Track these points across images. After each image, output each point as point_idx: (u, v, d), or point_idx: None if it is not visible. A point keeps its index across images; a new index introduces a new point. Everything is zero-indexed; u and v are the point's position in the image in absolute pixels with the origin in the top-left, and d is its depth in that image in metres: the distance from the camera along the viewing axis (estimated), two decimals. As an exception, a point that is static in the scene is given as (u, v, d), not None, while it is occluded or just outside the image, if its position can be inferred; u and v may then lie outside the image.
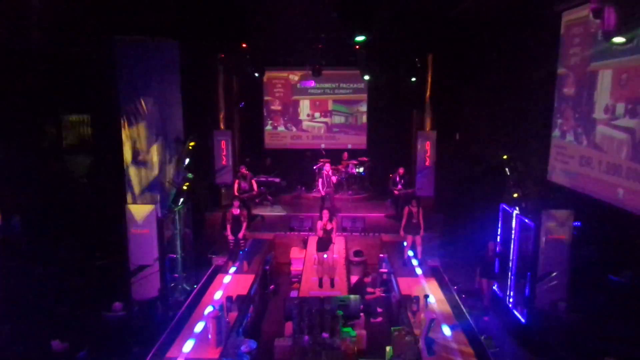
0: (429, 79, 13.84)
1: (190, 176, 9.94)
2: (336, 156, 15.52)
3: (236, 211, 9.97)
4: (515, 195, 9.56)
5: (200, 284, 9.44)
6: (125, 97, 9.60)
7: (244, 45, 13.74)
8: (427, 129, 14.03)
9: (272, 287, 10.65)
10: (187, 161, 10.33)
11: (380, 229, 12.40)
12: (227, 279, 9.49)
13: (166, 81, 10.03)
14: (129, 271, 9.26)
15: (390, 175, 13.05)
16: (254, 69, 14.76)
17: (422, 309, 7.91)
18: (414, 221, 10.02)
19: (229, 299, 8.12)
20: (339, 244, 10.96)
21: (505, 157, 9.94)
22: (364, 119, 17.06)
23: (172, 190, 10.09)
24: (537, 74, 10.19)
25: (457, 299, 8.81)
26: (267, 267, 10.65)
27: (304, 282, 9.56)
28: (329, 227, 9.30)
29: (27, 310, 8.43)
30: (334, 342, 7.31)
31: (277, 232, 12.29)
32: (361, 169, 15.49)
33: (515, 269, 9.27)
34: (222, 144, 14.39)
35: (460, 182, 13.17)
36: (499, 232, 10.03)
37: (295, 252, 11.37)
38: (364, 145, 16.95)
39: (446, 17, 10.77)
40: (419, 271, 9.84)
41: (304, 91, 16.99)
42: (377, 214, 13.57)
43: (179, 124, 10.57)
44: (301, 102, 17.16)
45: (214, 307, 7.48)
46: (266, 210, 13.51)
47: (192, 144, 10.40)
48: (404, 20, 11.20)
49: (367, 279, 9.57)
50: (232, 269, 9.91)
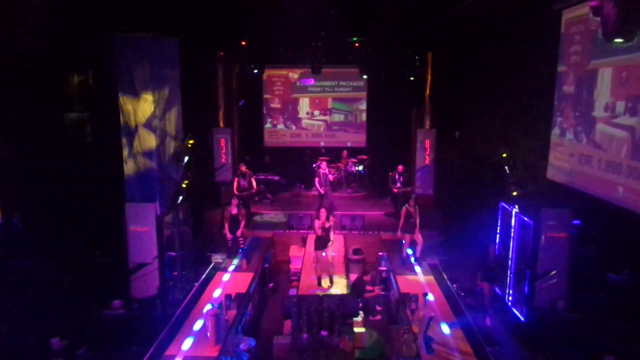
0: (429, 77, 13.83)
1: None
2: (336, 154, 15.53)
3: (234, 210, 9.96)
4: (514, 193, 9.57)
5: (199, 282, 9.43)
6: (124, 94, 9.57)
7: (243, 43, 13.74)
8: (427, 127, 14.03)
9: (271, 285, 10.66)
10: (186, 159, 10.33)
11: (379, 227, 12.40)
12: (226, 277, 9.49)
13: (165, 79, 10.01)
14: (128, 269, 9.26)
15: (389, 173, 13.05)
16: (254, 66, 14.76)
17: (421, 307, 7.92)
18: (412, 220, 10.01)
19: (227, 297, 8.11)
20: (338, 242, 10.95)
21: (504, 155, 9.93)
22: (364, 117, 17.05)
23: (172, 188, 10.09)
24: (537, 72, 10.18)
25: (456, 297, 8.82)
26: (266, 265, 10.66)
27: (303, 280, 9.56)
28: (327, 225, 9.29)
29: (26, 308, 8.43)
30: (332, 340, 7.32)
31: (276, 230, 12.32)
32: (360, 167, 15.49)
33: (514, 268, 9.27)
34: (222, 142, 14.38)
35: (459, 180, 13.16)
36: (498, 231, 10.03)
37: (294, 250, 11.38)
38: (363, 143, 16.96)
39: (446, 15, 10.75)
40: (418, 269, 9.83)
41: (304, 89, 16.99)
42: (376, 212, 13.58)
43: (178, 122, 10.57)
44: (301, 100, 17.15)
45: (212, 305, 7.49)
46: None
47: (191, 141, 10.39)
48: (403, 18, 11.19)
49: (366, 277, 9.58)
50: (231, 267, 9.91)
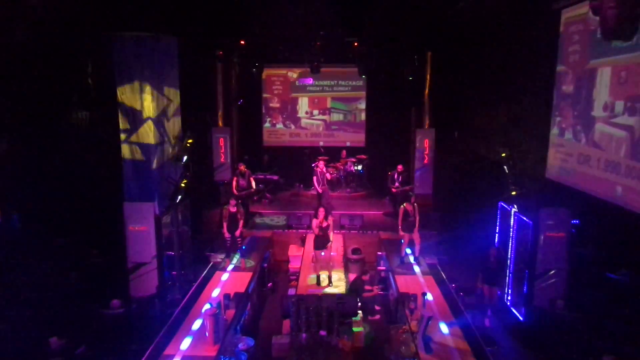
0: (428, 77, 13.84)
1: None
2: (335, 154, 15.52)
3: (233, 209, 9.95)
4: (513, 193, 9.56)
5: (198, 282, 9.42)
6: (123, 93, 9.55)
7: (242, 42, 13.73)
8: (426, 127, 14.04)
9: (270, 284, 10.65)
10: (185, 158, 10.31)
11: (378, 227, 12.40)
12: (224, 276, 9.48)
13: (164, 78, 9.99)
14: (127, 268, 9.26)
15: (388, 172, 13.04)
16: (252, 66, 14.75)
17: (419, 307, 7.91)
18: (410, 219, 10.00)
19: (226, 296, 8.11)
20: (336, 242, 10.94)
21: (503, 154, 9.93)
22: (363, 116, 17.05)
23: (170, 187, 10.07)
24: (536, 71, 10.18)
25: (455, 297, 8.81)
26: (265, 265, 10.66)
27: (302, 280, 9.55)
28: (325, 224, 9.27)
29: (25, 307, 8.42)
30: (331, 339, 7.33)
31: (275, 230, 12.31)
32: (359, 167, 15.49)
33: (513, 267, 9.27)
34: (221, 142, 14.39)
35: (458, 179, 13.16)
36: (497, 230, 10.03)
37: (293, 250, 11.37)
38: (362, 142, 16.97)
39: (445, 15, 10.75)
40: (416, 269, 9.82)
41: (303, 88, 16.99)
42: (375, 211, 13.58)
43: (177, 121, 10.56)
44: (300, 100, 17.14)
45: (211, 304, 7.47)
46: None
47: (190, 141, 10.38)
48: (402, 17, 11.19)
49: (365, 277, 9.56)
50: (230, 267, 9.90)
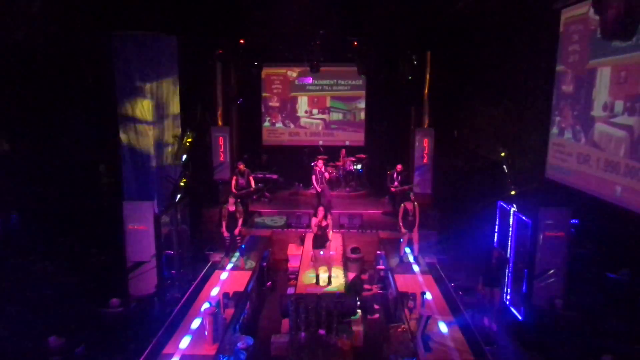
0: (427, 76, 13.83)
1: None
2: (334, 153, 15.52)
3: (232, 208, 9.94)
4: (512, 192, 9.57)
5: (197, 281, 9.42)
6: (123, 92, 9.56)
7: (242, 41, 13.72)
8: (425, 126, 14.04)
9: (269, 283, 10.65)
10: (184, 157, 10.31)
11: (377, 226, 12.40)
12: (224, 275, 9.48)
13: (164, 76, 9.98)
14: (126, 267, 9.25)
15: (387, 172, 13.04)
16: (251, 66, 14.75)
17: (418, 306, 7.91)
18: (410, 218, 10.00)
19: (225, 295, 8.10)
20: (336, 241, 10.94)
21: (503, 154, 9.94)
22: (362, 115, 17.04)
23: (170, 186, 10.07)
24: (535, 71, 10.19)
25: (454, 296, 8.82)
26: (265, 264, 10.66)
27: (301, 279, 9.55)
28: (324, 223, 9.26)
29: (24, 306, 8.41)
30: (330, 338, 7.33)
31: (274, 229, 12.31)
32: (359, 166, 15.47)
33: (512, 267, 9.27)
34: (220, 140, 14.38)
35: (458, 179, 13.17)
36: (496, 230, 10.04)
37: (292, 249, 11.37)
38: (361, 142, 16.96)
39: (445, 14, 10.75)
40: (416, 268, 9.83)
41: (302, 87, 16.98)
42: (374, 210, 13.57)
43: (176, 120, 10.55)
44: (299, 99, 17.13)
45: (210, 303, 7.47)
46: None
47: (189, 140, 10.37)
48: (402, 17, 11.18)
49: (364, 276, 9.57)
50: (229, 266, 9.90)
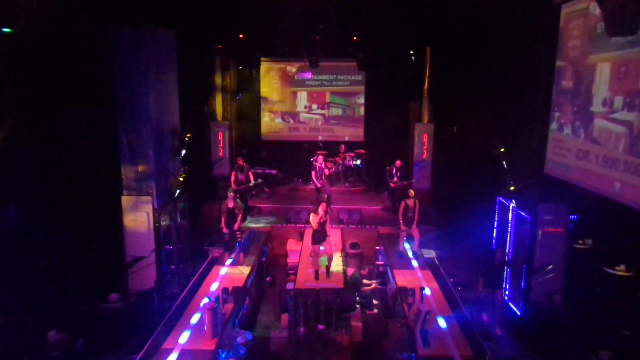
0: (427, 72, 13.82)
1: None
2: (333, 148, 15.50)
3: (231, 203, 9.94)
4: (512, 188, 9.57)
5: (196, 276, 9.42)
6: (121, 87, 9.52)
7: (241, 35, 13.66)
8: (425, 121, 14.03)
9: (268, 279, 10.67)
10: (183, 152, 10.29)
11: (376, 222, 12.42)
12: (223, 270, 9.48)
13: (162, 71, 9.95)
14: (125, 263, 9.26)
15: (387, 167, 13.04)
16: (251, 59, 14.70)
17: (417, 301, 7.93)
18: (410, 215, 10.01)
19: (225, 290, 8.10)
20: (335, 236, 10.95)
21: (502, 149, 9.93)
22: (362, 111, 17.01)
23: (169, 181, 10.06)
24: (535, 66, 10.16)
25: (453, 291, 8.83)
26: (264, 259, 10.67)
27: (300, 274, 9.55)
28: (324, 219, 9.26)
29: (23, 301, 8.42)
30: (329, 333, 7.35)
31: (273, 224, 12.31)
32: (358, 162, 15.47)
33: (511, 262, 9.28)
34: (219, 136, 14.37)
35: (457, 174, 13.16)
36: (495, 225, 10.05)
37: (291, 244, 11.39)
38: (361, 137, 16.94)
39: (444, 10, 10.70)
40: (415, 263, 9.84)
41: (302, 83, 16.94)
42: (373, 206, 13.58)
43: (175, 115, 10.52)
44: (298, 94, 17.09)
45: (209, 298, 7.48)
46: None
47: (188, 135, 10.35)
48: (402, 12, 11.13)
49: (364, 272, 9.59)
50: (229, 261, 9.90)
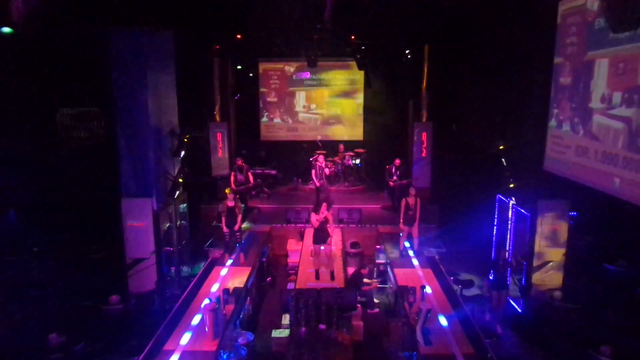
0: (426, 70, 13.80)
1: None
2: (332, 148, 15.50)
3: (231, 203, 9.93)
4: (511, 185, 9.58)
5: (197, 277, 9.43)
6: (120, 88, 9.52)
7: (239, 36, 13.65)
8: (424, 120, 14.02)
9: (269, 279, 10.67)
10: (182, 153, 10.29)
11: (376, 221, 12.41)
12: (224, 271, 9.49)
13: (161, 73, 9.95)
14: (126, 264, 9.26)
15: (386, 166, 13.04)
16: (250, 60, 14.69)
17: (418, 300, 7.94)
18: (410, 213, 10.01)
19: (225, 291, 8.12)
20: (335, 236, 10.95)
21: (501, 147, 9.94)
22: (360, 110, 17.00)
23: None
24: (533, 63, 10.17)
25: (454, 289, 8.84)
26: (264, 260, 10.67)
27: (301, 274, 9.55)
28: (324, 219, 9.25)
29: (24, 303, 8.43)
30: (330, 333, 7.35)
31: (273, 224, 12.31)
32: (357, 161, 15.47)
33: (511, 259, 9.29)
34: (218, 136, 14.36)
35: (456, 172, 13.17)
36: (495, 223, 10.06)
37: (292, 244, 11.38)
38: (360, 136, 16.92)
39: (442, 8, 10.70)
40: (415, 262, 9.85)
41: (300, 82, 16.93)
42: (373, 205, 13.58)
43: (174, 116, 10.52)
44: (297, 94, 17.09)
45: (210, 299, 7.48)
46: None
47: (187, 136, 10.35)
48: (399, 10, 11.13)
49: (364, 271, 9.58)
50: (229, 262, 9.91)
